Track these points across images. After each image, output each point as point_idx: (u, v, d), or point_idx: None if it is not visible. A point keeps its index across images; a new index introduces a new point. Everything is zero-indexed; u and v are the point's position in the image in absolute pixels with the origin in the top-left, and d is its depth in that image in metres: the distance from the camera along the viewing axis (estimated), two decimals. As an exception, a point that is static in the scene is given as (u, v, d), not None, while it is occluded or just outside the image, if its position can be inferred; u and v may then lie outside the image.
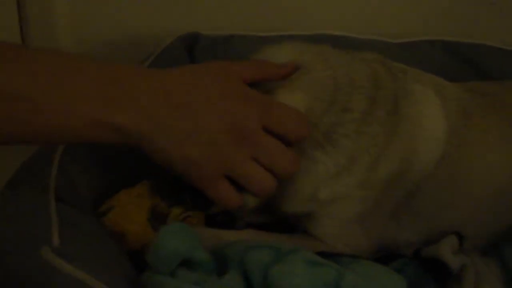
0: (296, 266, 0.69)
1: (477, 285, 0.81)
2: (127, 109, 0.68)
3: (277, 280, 0.67)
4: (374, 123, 0.81)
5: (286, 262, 0.69)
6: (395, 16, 1.19)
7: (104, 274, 0.63)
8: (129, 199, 0.80)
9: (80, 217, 0.77)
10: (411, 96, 0.85)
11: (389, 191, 0.83)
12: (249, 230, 0.82)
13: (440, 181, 0.85)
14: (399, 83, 0.85)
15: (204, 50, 1.10)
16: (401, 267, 0.84)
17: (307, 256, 0.71)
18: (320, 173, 0.80)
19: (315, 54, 0.83)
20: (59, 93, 0.66)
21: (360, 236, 0.85)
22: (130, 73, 0.71)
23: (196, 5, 1.18)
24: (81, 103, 0.66)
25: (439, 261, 0.82)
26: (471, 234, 0.87)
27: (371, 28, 1.14)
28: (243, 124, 0.72)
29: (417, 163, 0.84)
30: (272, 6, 1.17)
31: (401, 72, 0.87)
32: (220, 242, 0.77)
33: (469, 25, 1.20)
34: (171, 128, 0.70)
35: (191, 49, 1.10)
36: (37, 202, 0.76)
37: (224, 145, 0.71)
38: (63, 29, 1.23)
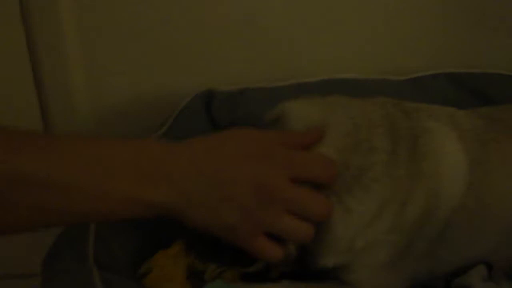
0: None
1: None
2: (159, 185, 0.71)
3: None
4: (399, 165, 0.82)
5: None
6: (396, 53, 1.22)
7: None
8: (166, 260, 0.83)
9: (121, 281, 0.80)
10: (427, 134, 0.86)
11: (419, 231, 0.84)
12: (284, 282, 0.84)
13: (468, 211, 0.86)
14: (414, 122, 0.87)
15: (221, 105, 1.13)
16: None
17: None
18: (355, 222, 0.81)
19: (330, 104, 0.86)
20: (91, 177, 0.68)
21: (393, 279, 0.86)
22: (158, 148, 0.74)
23: (208, 63, 1.21)
24: (113, 183, 0.69)
25: None
26: (502, 259, 0.89)
27: (375, 68, 1.17)
28: (270, 183, 0.74)
29: (443, 200, 0.85)
30: (282, 56, 1.21)
31: (414, 110, 0.89)
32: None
33: (469, 55, 1.23)
34: (202, 200, 0.72)
35: (208, 106, 1.13)
36: (80, 273, 0.79)
37: (255, 207, 0.73)
38: (80, 97, 1.26)
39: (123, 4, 1.19)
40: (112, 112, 1.27)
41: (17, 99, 1.24)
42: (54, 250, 0.83)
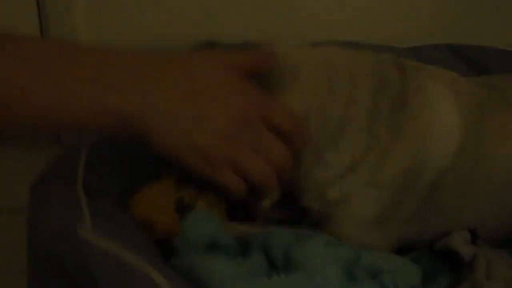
0: (314, 247, 0.72)
1: (488, 272, 0.82)
2: (132, 96, 0.69)
3: (298, 260, 0.70)
4: (379, 123, 0.83)
5: (306, 243, 0.72)
6: (400, 21, 1.23)
7: (138, 250, 0.66)
8: (156, 192, 0.83)
9: (108, 208, 0.80)
10: (422, 93, 0.86)
11: (405, 190, 0.85)
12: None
13: (459, 174, 0.86)
14: (410, 81, 0.87)
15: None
16: (414, 260, 0.86)
17: (326, 238, 0.75)
18: (327, 171, 0.83)
19: (317, 50, 0.87)
20: (56, 80, 0.67)
21: (379, 238, 0.86)
22: (134, 59, 0.72)
23: (210, 13, 1.22)
24: (80, 88, 0.68)
25: (452, 251, 0.84)
26: (488, 231, 0.90)
27: (378, 34, 1.18)
28: (246, 115, 0.74)
29: (431, 160, 0.85)
30: (284, 13, 1.21)
31: (413, 69, 0.89)
32: (242, 233, 0.80)
33: (473, 28, 1.24)
34: (176, 116, 0.71)
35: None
36: (68, 194, 0.79)
37: (229, 133, 0.74)
38: (82, 34, 1.27)
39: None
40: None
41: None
42: (43, 175, 0.84)
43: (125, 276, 0.63)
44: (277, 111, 0.78)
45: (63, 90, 0.67)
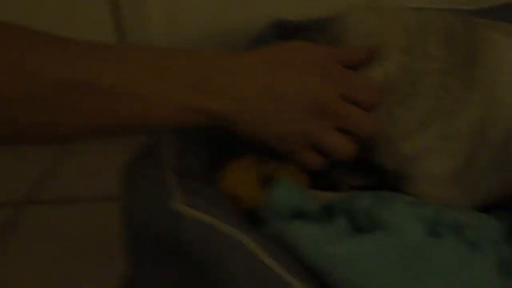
0: (396, 206, 0.74)
1: None
2: (217, 95, 0.75)
3: (381, 220, 0.72)
4: (452, 75, 0.84)
5: (388, 204, 0.75)
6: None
7: (229, 220, 0.70)
8: (240, 167, 0.88)
9: (196, 186, 0.84)
10: (487, 44, 0.86)
11: (480, 141, 0.85)
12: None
13: None
14: (475, 32, 0.87)
15: (292, 35, 1.15)
16: (497, 216, 0.85)
17: (408, 198, 0.77)
18: (400, 128, 0.84)
19: (386, 14, 0.88)
20: (154, 85, 0.72)
21: (458, 196, 0.86)
22: (217, 59, 0.78)
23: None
24: (175, 92, 0.73)
25: None
26: None
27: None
28: (322, 98, 0.79)
29: (503, 108, 0.85)
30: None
31: (477, 23, 0.89)
32: (325, 200, 0.83)
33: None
34: (257, 111, 0.77)
35: (281, 35, 1.15)
36: (158, 175, 0.84)
37: (306, 120, 0.79)
38: (156, 25, 1.31)
39: None
40: (187, 41, 1.32)
41: (93, 30, 1.30)
42: (132, 160, 0.88)
43: (219, 244, 0.67)
44: (357, 86, 0.82)
45: (162, 94, 0.73)
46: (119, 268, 1.02)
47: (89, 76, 0.69)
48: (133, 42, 1.33)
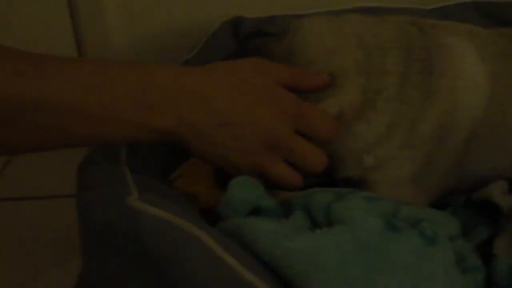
0: (354, 201, 0.75)
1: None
2: (167, 114, 0.74)
3: (337, 214, 0.72)
4: (410, 87, 0.84)
5: (345, 199, 0.75)
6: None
7: (185, 216, 0.69)
8: (197, 165, 0.87)
9: (152, 182, 0.83)
10: (444, 50, 0.87)
11: (439, 146, 0.86)
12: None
13: (491, 124, 0.88)
14: (431, 40, 0.88)
15: (249, 36, 1.14)
16: (452, 212, 0.87)
17: (365, 194, 0.77)
18: (362, 141, 0.85)
19: (343, 26, 0.88)
20: (103, 102, 0.71)
21: (418, 196, 0.88)
22: (170, 76, 0.76)
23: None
24: (121, 108, 0.72)
25: (490, 202, 0.85)
26: None
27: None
28: (275, 133, 0.78)
29: (461, 113, 0.86)
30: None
31: (432, 28, 0.90)
32: (283, 198, 0.83)
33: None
34: (209, 135, 0.76)
35: (236, 32, 1.16)
36: (113, 172, 0.83)
37: (258, 152, 0.78)
38: (113, 27, 1.30)
39: None
40: (145, 39, 1.31)
41: (52, 26, 1.28)
42: (88, 157, 0.88)
43: (175, 239, 0.65)
44: (312, 121, 0.81)
45: (111, 111, 0.72)
46: (74, 266, 1.00)
47: (39, 94, 0.68)
48: (90, 44, 1.32)
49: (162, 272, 0.65)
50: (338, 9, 1.13)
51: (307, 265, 0.64)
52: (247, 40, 0.94)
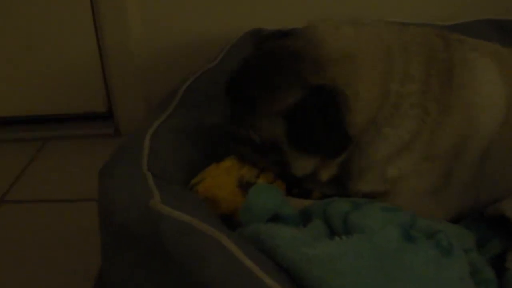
0: (372, 211, 0.76)
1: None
2: None
3: (355, 223, 0.73)
4: (431, 98, 0.86)
5: (363, 209, 0.76)
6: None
7: (206, 220, 0.71)
8: (219, 171, 0.88)
9: (173, 187, 0.85)
10: (467, 65, 0.88)
11: (456, 160, 0.87)
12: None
13: (505, 145, 0.88)
14: (455, 52, 0.89)
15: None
16: (465, 226, 0.88)
17: (382, 205, 0.78)
18: (387, 149, 0.85)
19: (364, 28, 0.89)
20: None
21: (434, 209, 0.88)
22: None
23: (258, 4, 1.26)
24: None
25: (503, 217, 0.85)
26: None
27: (420, 13, 1.20)
28: None
29: (479, 129, 0.87)
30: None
31: (457, 41, 0.91)
32: (302, 206, 0.84)
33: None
34: None
35: (255, 43, 1.16)
36: (135, 175, 0.85)
37: None
38: (136, 36, 1.32)
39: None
40: (166, 48, 1.33)
41: (75, 34, 1.31)
42: (110, 161, 0.89)
43: (196, 242, 0.67)
44: None
45: None
46: (94, 267, 1.03)
47: None
48: (112, 47, 1.34)
49: (182, 274, 0.66)
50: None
51: (325, 271, 0.65)
52: (261, 43, 0.95)
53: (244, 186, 0.86)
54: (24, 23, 1.36)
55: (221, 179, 0.87)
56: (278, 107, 0.82)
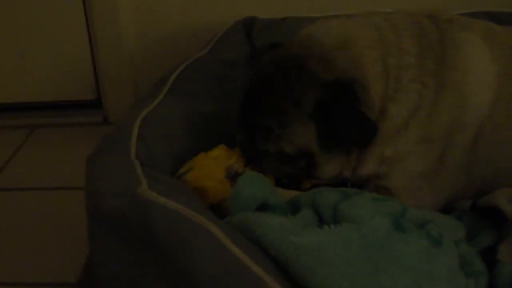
0: (362, 201, 0.74)
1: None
2: None
3: (345, 212, 0.72)
4: (427, 73, 0.86)
5: (353, 199, 0.75)
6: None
7: (194, 207, 0.70)
8: (207, 161, 0.87)
9: (161, 175, 0.84)
10: (456, 44, 0.88)
11: (450, 141, 0.87)
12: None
13: (497, 124, 0.88)
14: (445, 33, 0.89)
15: (261, 31, 1.17)
16: (457, 217, 0.88)
17: (372, 195, 0.77)
18: (388, 130, 0.86)
19: (352, 17, 0.90)
20: None
21: (427, 192, 0.89)
22: None
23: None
24: None
25: (495, 208, 0.85)
26: None
27: (416, 4, 1.19)
28: None
29: (469, 108, 0.87)
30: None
31: (448, 22, 0.91)
32: (291, 196, 0.84)
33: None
34: None
35: (249, 32, 1.17)
36: (122, 163, 0.84)
37: None
38: (126, 24, 1.31)
39: None
40: (157, 39, 1.32)
41: (66, 28, 1.29)
42: (98, 149, 0.88)
43: (184, 229, 0.66)
44: None
45: None
46: (82, 254, 1.02)
47: None
48: (102, 35, 1.33)
49: (170, 260, 0.66)
50: (350, 13, 1.12)
51: (313, 260, 0.65)
52: (260, 52, 0.95)
53: (233, 176, 0.86)
54: (13, 10, 1.34)
55: (210, 168, 0.86)
56: (306, 109, 0.83)
